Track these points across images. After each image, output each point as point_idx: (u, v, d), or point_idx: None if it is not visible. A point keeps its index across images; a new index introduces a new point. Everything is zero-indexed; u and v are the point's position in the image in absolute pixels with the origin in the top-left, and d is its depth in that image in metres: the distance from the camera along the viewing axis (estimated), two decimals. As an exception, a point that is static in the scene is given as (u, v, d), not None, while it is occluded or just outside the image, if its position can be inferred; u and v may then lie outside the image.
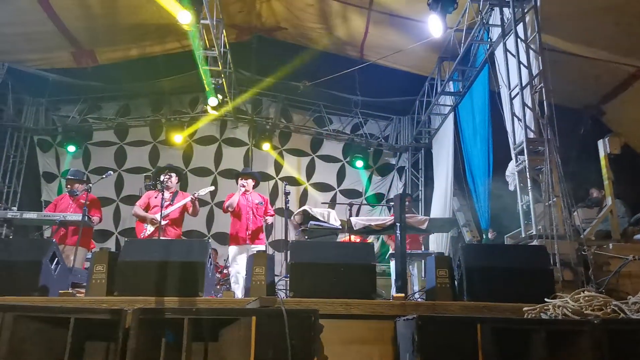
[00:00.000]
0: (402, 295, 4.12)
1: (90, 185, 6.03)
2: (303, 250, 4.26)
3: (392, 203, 8.10)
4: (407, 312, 4.04)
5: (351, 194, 10.91)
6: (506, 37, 5.97)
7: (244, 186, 6.57)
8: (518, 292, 3.95)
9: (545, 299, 3.75)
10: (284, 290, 4.52)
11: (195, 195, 6.32)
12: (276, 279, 4.82)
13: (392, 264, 6.51)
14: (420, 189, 11.05)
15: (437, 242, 8.76)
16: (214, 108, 9.60)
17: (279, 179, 10.95)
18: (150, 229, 6.16)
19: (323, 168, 11.15)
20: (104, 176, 6.36)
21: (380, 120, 11.48)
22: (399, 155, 11.45)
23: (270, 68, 10.61)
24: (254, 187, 6.72)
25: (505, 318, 3.41)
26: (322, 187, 10.95)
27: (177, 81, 10.51)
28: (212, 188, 6.83)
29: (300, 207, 5.82)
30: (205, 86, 9.23)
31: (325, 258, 4.17)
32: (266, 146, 10.80)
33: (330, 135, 11.31)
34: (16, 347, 3.01)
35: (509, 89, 5.85)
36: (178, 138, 10.66)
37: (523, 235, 5.15)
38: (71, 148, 10.91)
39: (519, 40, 5.69)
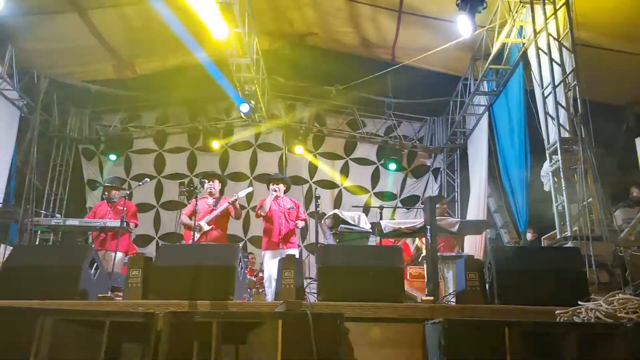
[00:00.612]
0: (431, 298, 4.10)
1: (127, 191, 6.26)
2: (331, 254, 4.31)
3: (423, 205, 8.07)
4: (436, 316, 4.03)
5: (387, 196, 10.88)
6: (537, 35, 5.86)
7: (275, 191, 6.70)
8: (550, 295, 3.89)
9: (579, 302, 3.68)
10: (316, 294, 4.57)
11: (235, 197, 6.46)
12: (308, 282, 4.88)
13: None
14: (456, 190, 10.93)
15: (475, 245, 8.64)
16: (247, 115, 9.79)
17: (313, 182, 11.04)
18: (197, 235, 6.35)
19: (357, 171, 11.16)
20: (140, 183, 6.58)
21: (414, 122, 11.41)
22: (434, 157, 11.36)
23: (303, 73, 10.74)
24: (286, 191, 6.83)
25: (534, 322, 3.38)
26: (357, 190, 10.96)
27: (213, 88, 10.73)
28: (251, 189, 6.95)
29: (334, 211, 5.86)
30: (239, 93, 9.43)
31: (353, 262, 4.21)
32: (300, 150, 10.89)
33: (363, 138, 11.33)
34: (56, 350, 3.17)
35: (542, 87, 5.74)
36: (215, 144, 10.90)
37: (558, 237, 5.04)
38: (112, 156, 11.30)
39: (551, 38, 5.57)
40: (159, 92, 11.09)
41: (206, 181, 6.64)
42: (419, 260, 6.42)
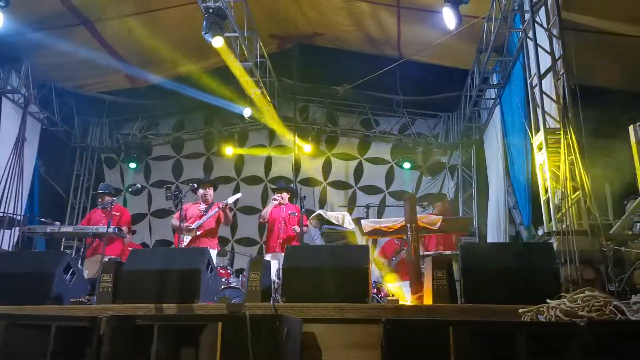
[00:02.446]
0: (397, 298, 3.97)
1: (114, 198, 6.42)
2: (296, 254, 4.25)
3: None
4: (402, 316, 3.92)
5: (401, 195, 10.67)
6: (525, 23, 5.62)
7: (275, 199, 6.84)
8: (520, 294, 3.71)
9: (547, 300, 3.49)
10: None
11: (225, 203, 6.53)
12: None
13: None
14: (473, 187, 10.63)
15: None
16: (257, 117, 9.86)
17: (327, 183, 10.98)
18: (186, 239, 6.44)
19: (371, 171, 11.02)
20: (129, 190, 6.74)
21: (429, 119, 11.17)
22: (449, 154, 11.08)
23: (313, 74, 10.69)
24: (290, 199, 6.92)
25: (480, 321, 3.22)
26: (371, 190, 10.82)
27: (226, 93, 10.84)
28: (240, 195, 7.09)
29: (319, 211, 5.80)
30: (251, 94, 9.52)
31: (318, 262, 4.14)
32: (311, 151, 10.84)
33: (377, 137, 11.18)
34: (7, 354, 3.25)
35: (529, 77, 5.50)
36: (228, 150, 11.02)
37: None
38: (132, 164, 11.61)
39: (536, 25, 5.33)
40: (174, 99, 11.28)
41: (202, 188, 6.74)
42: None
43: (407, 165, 10.77)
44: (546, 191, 4.97)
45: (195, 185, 6.70)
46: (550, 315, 3.30)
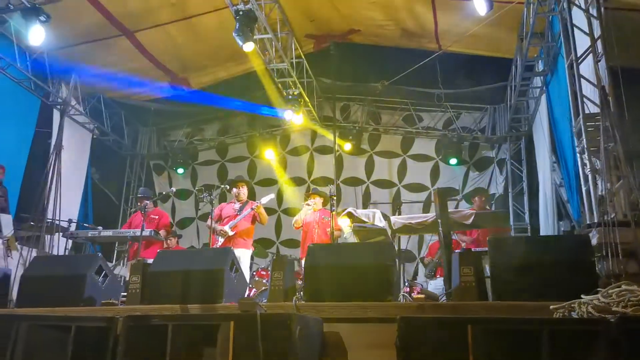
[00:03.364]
0: (422, 296, 3.81)
1: (148, 201, 6.55)
2: (319, 253, 4.16)
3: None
4: (426, 314, 3.76)
5: (447, 192, 10.35)
6: (561, 4, 5.29)
7: (309, 204, 6.89)
8: (553, 289, 3.46)
9: (582, 296, 3.24)
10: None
11: (258, 203, 6.54)
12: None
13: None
14: (523, 181, 10.17)
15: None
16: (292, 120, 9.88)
17: (370, 182, 10.82)
18: (221, 240, 6.51)
19: (415, 168, 10.77)
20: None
21: (474, 112, 10.79)
22: (497, 147, 10.65)
23: (352, 72, 10.60)
24: (324, 203, 6.88)
25: (500, 318, 3.02)
26: (416, 187, 10.57)
27: (267, 96, 10.89)
28: (273, 196, 7.07)
29: (349, 209, 5.69)
30: (288, 95, 9.53)
31: (340, 260, 4.04)
32: (353, 150, 10.72)
33: (420, 133, 10.91)
34: (30, 353, 3.33)
35: (566, 60, 5.16)
36: (268, 153, 11.08)
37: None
38: (180, 170, 11.90)
39: (574, 5, 5.00)
40: (216, 104, 11.47)
41: (235, 187, 6.78)
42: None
43: (453, 161, 10.45)
44: (586, 181, 4.65)
45: (227, 186, 6.76)
46: (582, 311, 3.06)
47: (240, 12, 7.06)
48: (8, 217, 6.09)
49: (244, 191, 6.83)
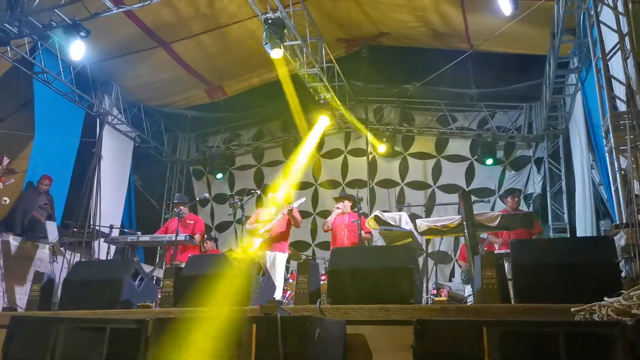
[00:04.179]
0: (444, 298, 3.84)
1: (184, 207, 6.80)
2: (341, 256, 4.24)
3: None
4: (449, 317, 3.78)
5: (483, 193, 10.23)
6: (588, 1, 5.20)
7: (339, 208, 7.01)
8: (576, 292, 3.43)
9: (605, 298, 3.21)
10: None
11: (290, 208, 6.69)
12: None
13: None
14: (562, 179, 9.95)
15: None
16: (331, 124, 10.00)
17: (405, 184, 10.81)
18: (257, 242, 6.70)
19: (450, 169, 10.67)
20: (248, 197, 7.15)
21: (510, 110, 10.60)
22: (535, 146, 10.44)
23: (384, 74, 10.63)
24: (352, 207, 6.95)
25: (517, 321, 3.02)
26: (450, 188, 10.46)
27: (301, 100, 11.04)
28: (304, 199, 7.22)
29: (375, 212, 5.74)
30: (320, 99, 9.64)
31: (362, 263, 4.11)
32: (387, 152, 10.74)
33: (454, 133, 10.82)
34: (68, 354, 3.55)
35: (594, 58, 5.06)
36: (303, 157, 11.21)
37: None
38: (219, 175, 12.20)
39: (602, 2, 4.90)
40: (251, 110, 11.72)
41: (270, 193, 6.98)
42: None
43: (489, 161, 10.30)
44: (615, 180, 4.55)
45: (259, 192, 6.94)
46: (602, 314, 3.04)
47: (269, 21, 7.22)
48: (53, 224, 6.45)
49: (277, 196, 7.00)
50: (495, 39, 8.49)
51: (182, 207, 6.88)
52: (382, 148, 10.65)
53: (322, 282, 7.72)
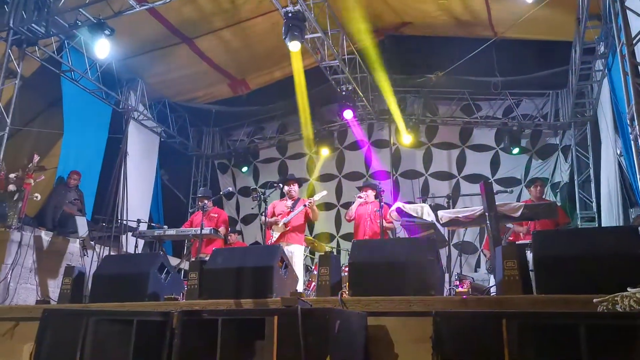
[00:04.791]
0: (465, 290, 3.83)
1: (208, 201, 6.91)
2: (362, 249, 4.27)
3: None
4: (469, 308, 3.78)
5: (509, 182, 10.12)
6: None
7: (361, 197, 7.01)
8: (600, 283, 3.38)
9: (628, 289, 3.17)
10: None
11: (310, 201, 6.74)
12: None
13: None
14: (590, 167, 9.75)
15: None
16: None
17: (429, 175, 10.74)
18: (275, 235, 6.78)
19: (475, 159, 10.56)
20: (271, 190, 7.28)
21: (536, 98, 10.44)
22: (562, 134, 10.25)
23: (407, 65, 10.56)
24: (376, 196, 6.96)
25: (536, 312, 3.02)
26: (475, 178, 10.35)
27: (323, 93, 11.05)
28: (325, 192, 7.25)
29: (397, 204, 5.73)
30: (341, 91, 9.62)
31: (384, 255, 4.12)
32: (411, 143, 10.68)
33: (479, 122, 10.69)
34: (98, 346, 3.66)
35: (618, 44, 4.95)
36: (324, 151, 11.29)
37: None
38: (244, 168, 12.32)
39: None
40: (274, 103, 11.77)
41: (286, 186, 7.03)
42: None
43: (515, 150, 10.17)
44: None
45: (281, 184, 7.02)
46: (625, 304, 3.00)
47: (290, 14, 7.24)
48: (83, 219, 6.64)
49: (294, 189, 7.07)
50: (520, 26, 8.36)
51: (206, 201, 6.99)
52: (406, 140, 10.56)
53: (344, 274, 7.81)
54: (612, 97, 7.49)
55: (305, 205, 6.65)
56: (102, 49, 7.58)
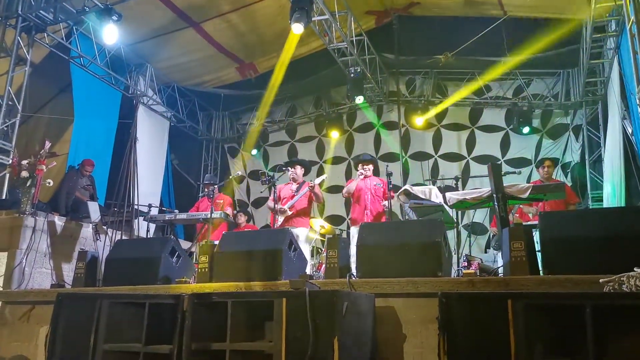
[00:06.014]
0: (472, 271, 3.86)
1: (217, 185, 7.01)
2: (370, 231, 4.30)
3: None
4: (476, 289, 3.81)
5: (519, 163, 10.07)
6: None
7: (362, 173, 6.88)
8: (608, 263, 3.39)
9: (635, 269, 3.18)
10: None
11: (312, 184, 6.78)
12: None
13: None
14: (601, 147, 9.66)
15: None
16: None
17: (438, 156, 10.72)
18: (280, 219, 6.84)
19: (484, 139, 10.50)
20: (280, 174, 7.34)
21: (547, 77, 10.32)
22: (573, 113, 10.15)
23: (416, 46, 10.46)
24: (374, 171, 6.96)
25: (542, 293, 3.03)
26: (485, 159, 10.27)
27: (332, 75, 11.00)
28: (325, 176, 7.35)
29: (405, 186, 5.73)
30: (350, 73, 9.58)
31: (391, 238, 4.15)
32: (422, 124, 10.63)
33: (489, 103, 10.61)
34: (111, 328, 3.75)
35: (627, 21, 4.87)
36: (334, 134, 11.29)
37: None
38: (254, 152, 12.34)
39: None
40: (283, 86, 11.74)
41: (290, 168, 7.06)
42: None
43: (525, 130, 10.08)
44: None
45: (284, 167, 7.08)
46: (631, 284, 3.01)
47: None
48: (95, 204, 6.73)
49: (297, 172, 7.10)
50: (529, 4, 8.25)
51: (212, 187, 7.06)
52: (420, 120, 10.51)
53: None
54: (621, 77, 7.38)
55: (308, 188, 6.68)
56: (111, 34, 7.61)
